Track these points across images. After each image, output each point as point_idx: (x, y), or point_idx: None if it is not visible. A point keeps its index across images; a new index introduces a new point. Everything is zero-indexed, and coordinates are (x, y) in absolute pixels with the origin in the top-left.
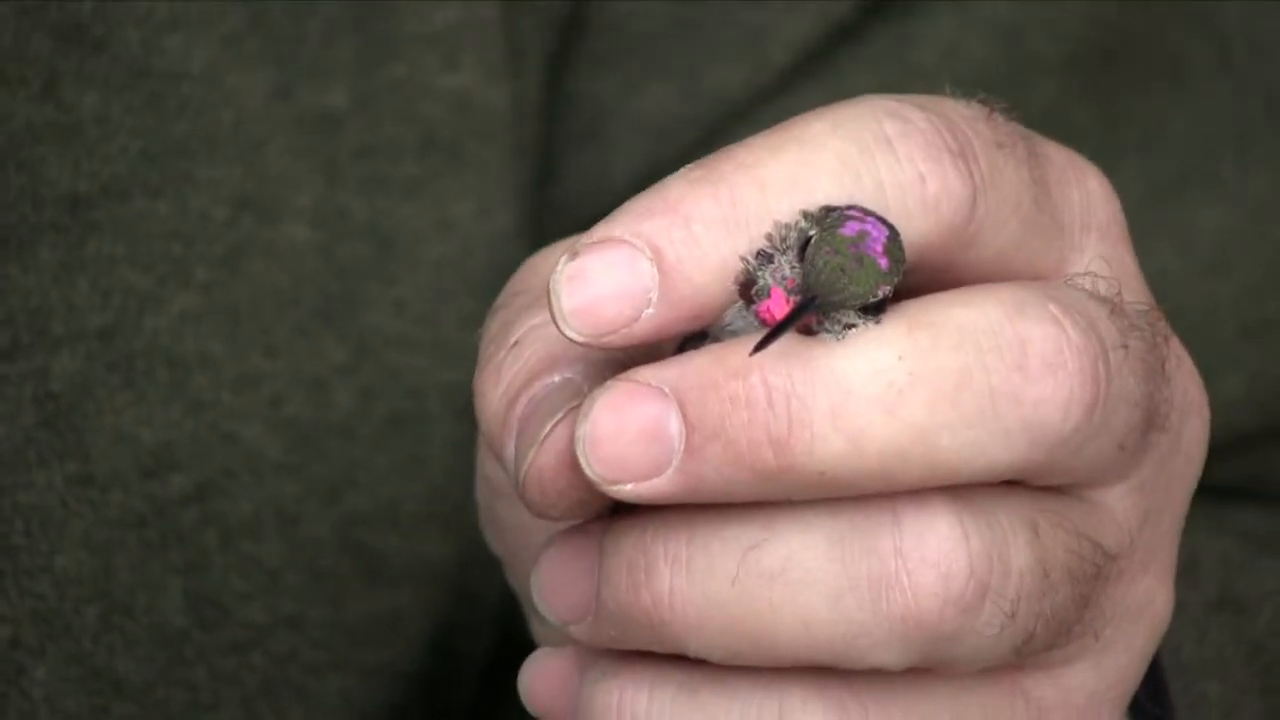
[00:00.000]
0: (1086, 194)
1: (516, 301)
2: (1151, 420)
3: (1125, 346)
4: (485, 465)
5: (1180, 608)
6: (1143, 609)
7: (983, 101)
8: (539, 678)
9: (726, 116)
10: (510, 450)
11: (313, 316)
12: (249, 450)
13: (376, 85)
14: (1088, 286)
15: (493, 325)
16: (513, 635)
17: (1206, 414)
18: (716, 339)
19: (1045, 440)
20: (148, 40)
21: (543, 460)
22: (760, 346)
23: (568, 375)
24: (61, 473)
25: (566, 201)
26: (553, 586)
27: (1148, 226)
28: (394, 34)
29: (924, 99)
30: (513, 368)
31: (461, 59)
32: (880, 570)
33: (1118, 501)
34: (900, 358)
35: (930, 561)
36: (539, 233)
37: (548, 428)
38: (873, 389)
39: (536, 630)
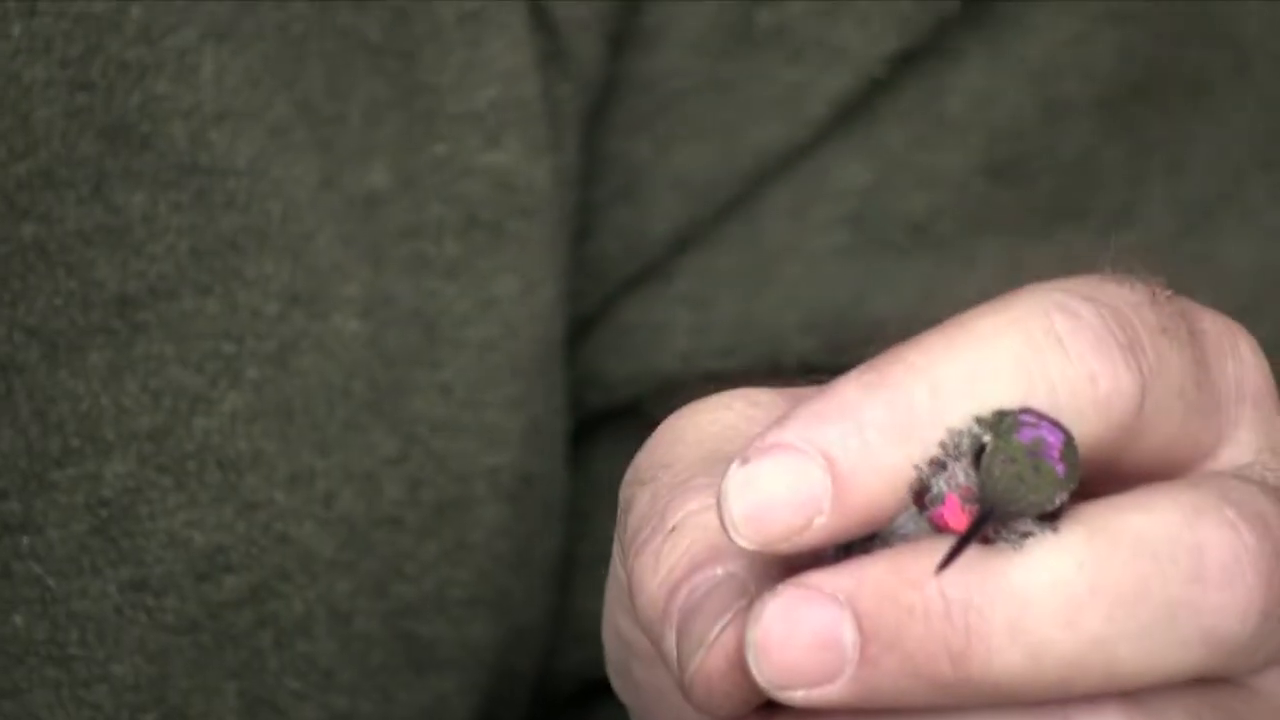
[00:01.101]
0: (1240, 363)
1: (664, 476)
2: None
3: None
4: (619, 621)
5: None
6: None
7: (1145, 282)
8: None
9: (763, 174)
10: (670, 642)
11: (363, 409)
12: (302, 549)
13: (419, 165)
14: (1256, 476)
15: (641, 501)
16: (546, 700)
17: None
18: (886, 542)
19: (1223, 648)
20: (194, 135)
21: (711, 664)
22: (946, 563)
23: (731, 570)
24: (115, 579)
25: (601, 261)
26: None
27: (1181, 264)
28: (436, 113)
29: (1090, 285)
30: (672, 555)
31: (503, 137)
32: None
33: (1268, 683)
34: (1080, 567)
35: None
36: (572, 296)
37: (715, 630)
38: (1052, 601)
39: None
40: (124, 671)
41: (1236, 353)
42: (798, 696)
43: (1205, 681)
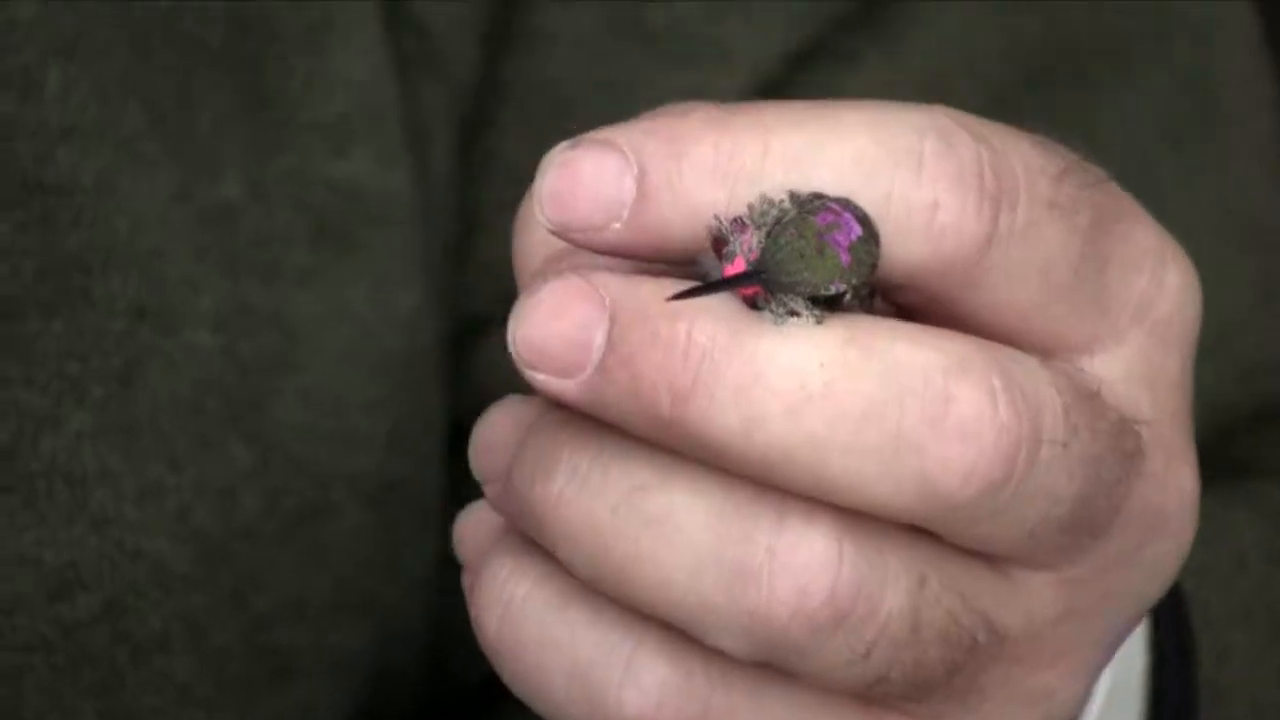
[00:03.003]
0: (1157, 286)
1: None
2: (1082, 523)
3: (1065, 444)
4: None
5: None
6: (1037, 699)
7: (1070, 161)
8: (470, 527)
9: None
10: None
11: (217, 422)
12: (156, 565)
13: (268, 174)
14: (1067, 373)
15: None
16: (436, 703)
17: (1187, 536)
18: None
19: (934, 500)
20: (40, 154)
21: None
22: (681, 295)
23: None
24: None
25: (495, 262)
26: (487, 443)
27: None
28: (283, 123)
29: (998, 132)
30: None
31: (351, 147)
32: (746, 559)
33: (1037, 589)
34: (822, 365)
35: (793, 570)
36: (465, 293)
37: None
38: (783, 383)
39: None
40: None
41: (1155, 274)
42: (539, 379)
43: (954, 548)
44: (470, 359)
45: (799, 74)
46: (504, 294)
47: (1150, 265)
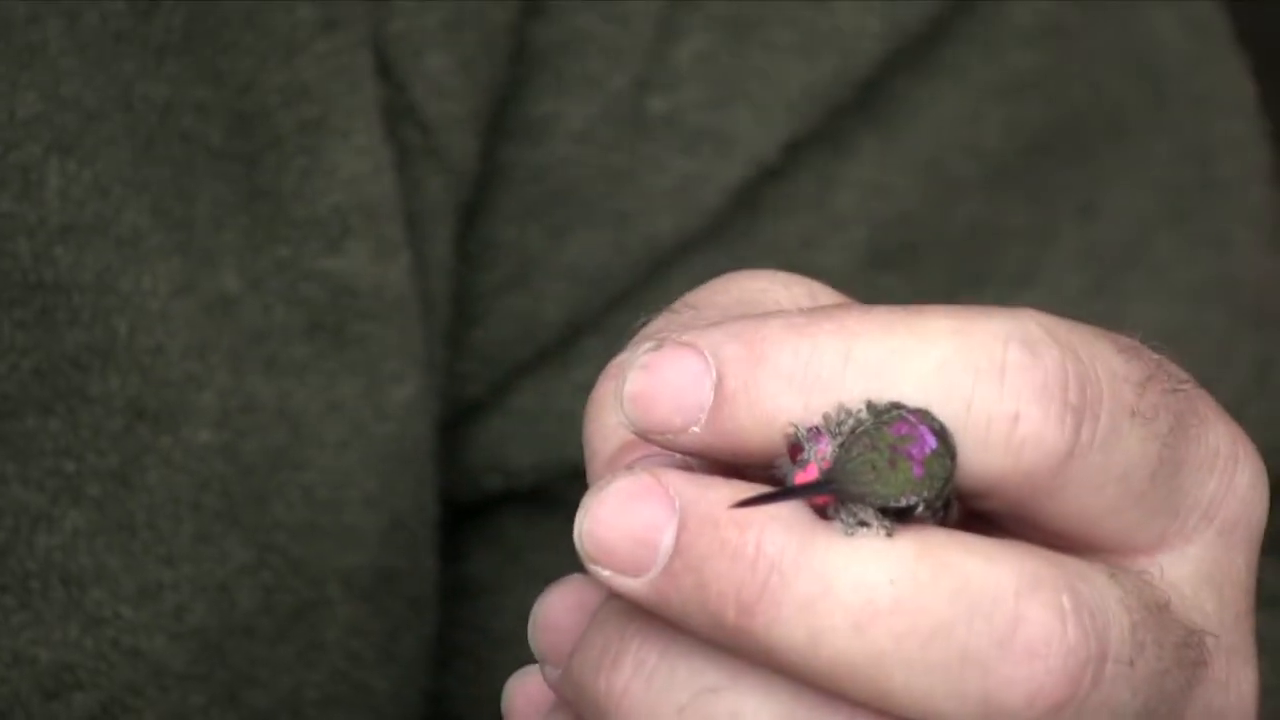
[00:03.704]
0: (1226, 486)
1: (685, 312)
2: None
3: (1131, 662)
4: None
5: None
6: None
7: (1154, 364)
8: (522, 692)
9: (657, 264)
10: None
11: (215, 519)
12: (153, 663)
13: (263, 268)
14: (1158, 596)
15: (655, 322)
16: None
17: None
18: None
19: (998, 718)
20: (39, 252)
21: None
22: (749, 502)
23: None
24: None
25: (493, 346)
26: (548, 623)
27: (1091, 324)
28: (277, 217)
29: (1082, 337)
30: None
31: (345, 242)
32: None
33: None
34: (892, 581)
35: None
36: (459, 377)
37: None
38: (852, 598)
39: None
40: None
41: (1227, 474)
42: (604, 575)
43: None
44: (463, 442)
45: (796, 160)
46: (498, 378)
47: (1222, 465)
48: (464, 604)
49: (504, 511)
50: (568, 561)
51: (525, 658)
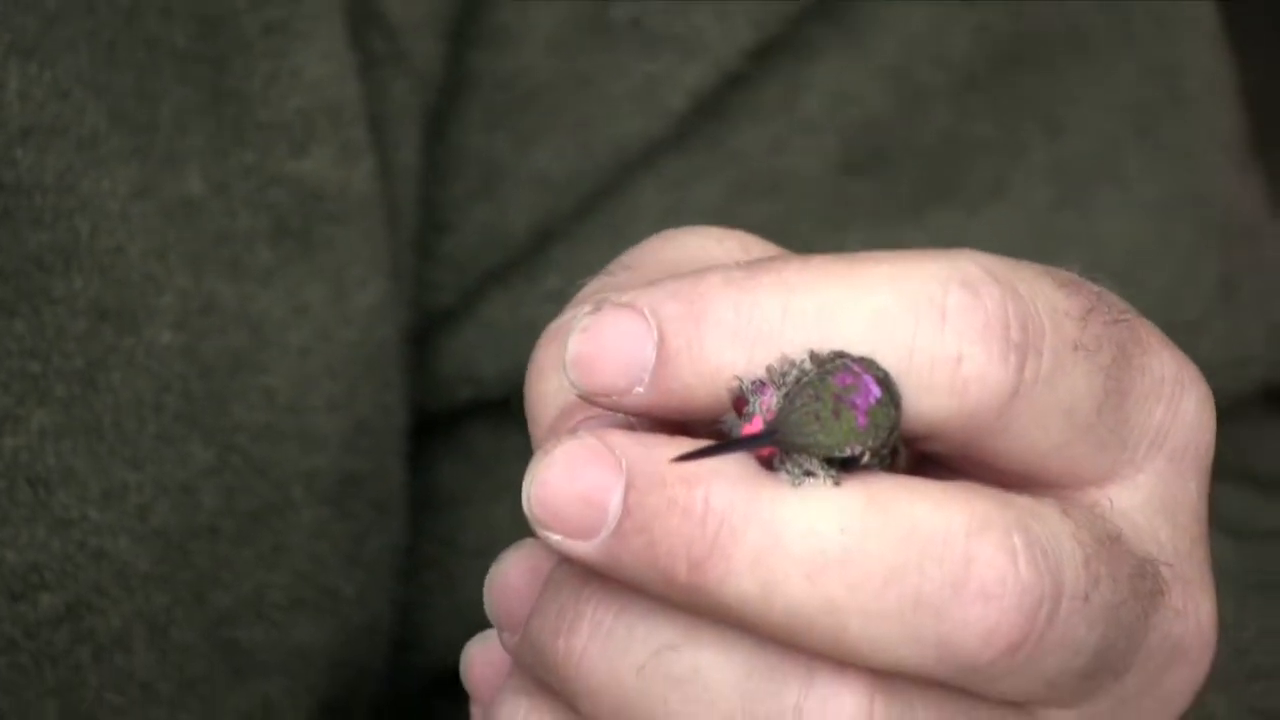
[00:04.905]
0: (1173, 414)
1: (621, 274)
2: (1103, 668)
3: (1086, 597)
4: None
5: None
6: None
7: (1093, 296)
8: (481, 658)
9: (624, 169)
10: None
11: (176, 421)
12: (117, 564)
13: (229, 172)
14: (1109, 528)
15: (589, 285)
16: (401, 677)
17: (1205, 664)
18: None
19: (955, 662)
20: None
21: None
22: (692, 456)
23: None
24: None
25: (461, 255)
26: (503, 589)
27: (1059, 237)
28: (244, 121)
29: (1021, 273)
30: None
31: (310, 145)
32: (775, 717)
33: None
34: (842, 530)
35: None
36: (429, 286)
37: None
38: (802, 548)
39: None
40: None
41: (1173, 401)
42: (554, 539)
43: (971, 694)
44: (433, 351)
45: (763, 68)
46: (468, 287)
47: (1169, 392)
48: (431, 516)
49: (473, 424)
50: None
51: (487, 570)
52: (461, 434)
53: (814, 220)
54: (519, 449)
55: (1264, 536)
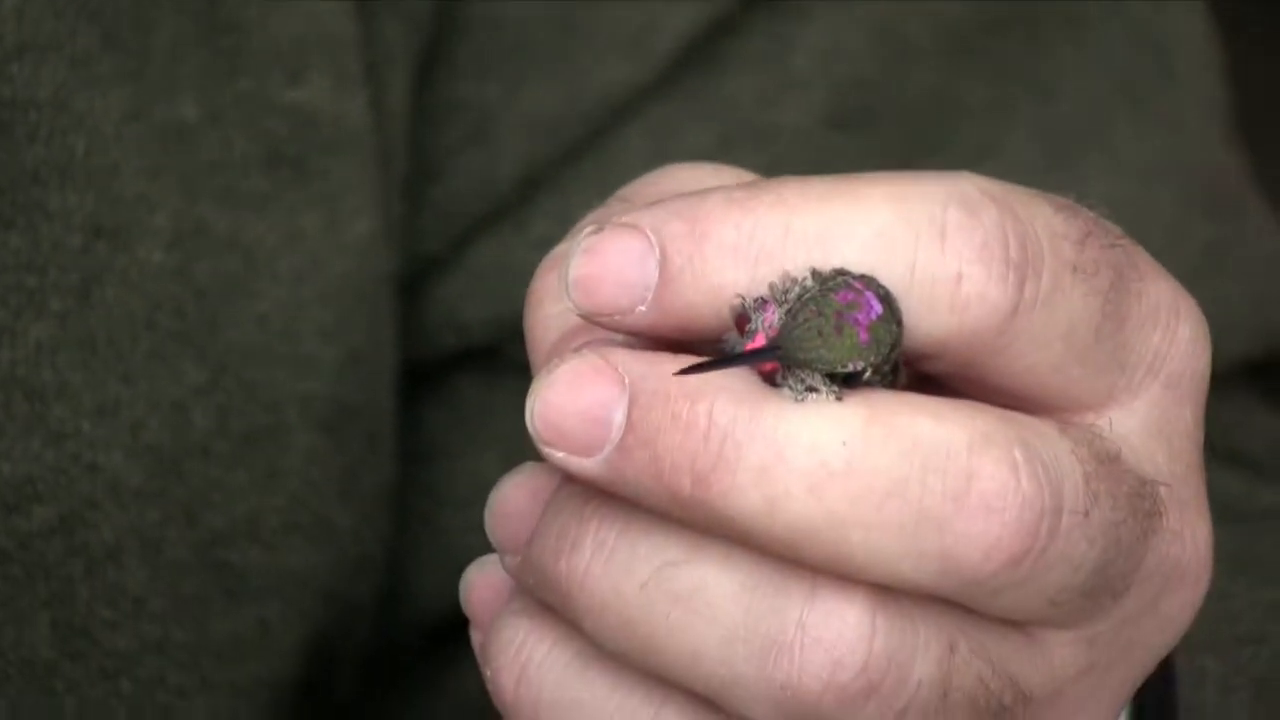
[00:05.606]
0: (1170, 339)
1: (615, 205)
2: (1103, 586)
3: (1086, 513)
4: None
5: None
6: None
7: (1090, 220)
8: (481, 582)
9: (612, 114)
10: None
11: (169, 339)
12: (110, 478)
13: (224, 99)
14: (1109, 449)
15: (588, 216)
16: (391, 630)
17: (1202, 587)
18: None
19: (957, 575)
20: None
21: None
22: (694, 369)
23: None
24: None
25: (451, 202)
26: (504, 512)
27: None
28: (240, 49)
29: (1019, 197)
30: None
31: (306, 74)
32: (778, 632)
33: (1059, 648)
34: (844, 443)
35: (826, 644)
36: (418, 234)
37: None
38: (806, 462)
39: None
40: None
41: (1169, 328)
42: (557, 457)
43: (971, 609)
44: (421, 299)
45: (753, 16)
46: (455, 235)
47: (1165, 319)
48: (418, 468)
49: (459, 375)
50: (522, 427)
51: (477, 522)
52: (450, 386)
53: (800, 174)
54: (507, 401)
55: (1255, 518)
